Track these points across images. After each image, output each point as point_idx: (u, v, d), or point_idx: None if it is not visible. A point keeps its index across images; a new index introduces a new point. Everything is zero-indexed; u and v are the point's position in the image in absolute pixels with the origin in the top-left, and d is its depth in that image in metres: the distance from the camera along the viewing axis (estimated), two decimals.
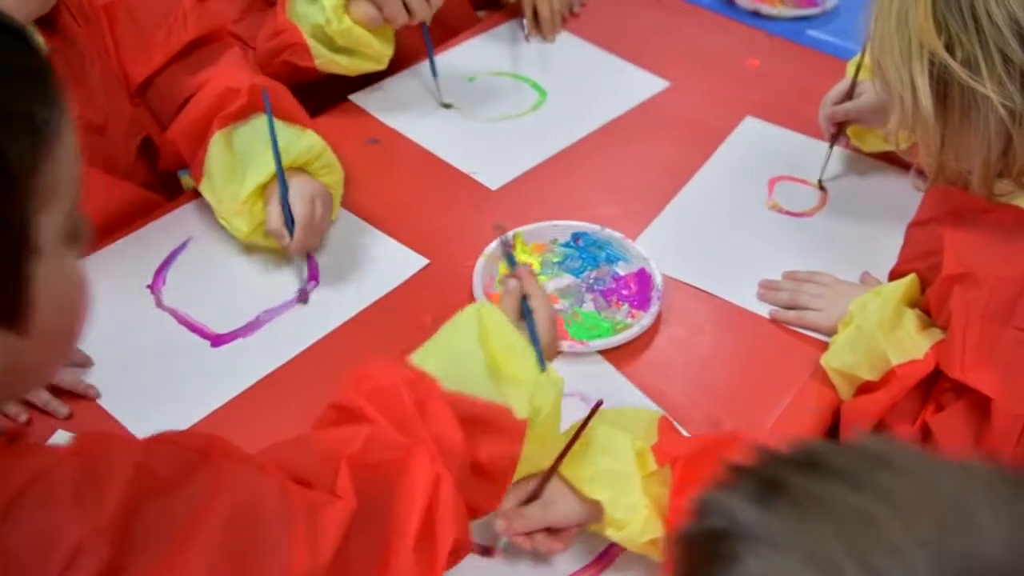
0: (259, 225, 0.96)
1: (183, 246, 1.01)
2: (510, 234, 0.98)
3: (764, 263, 1.01)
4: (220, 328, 0.92)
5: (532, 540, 0.72)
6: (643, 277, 0.99)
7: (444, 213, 1.07)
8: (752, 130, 1.20)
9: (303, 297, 0.96)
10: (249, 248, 1.00)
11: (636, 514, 0.69)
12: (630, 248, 1.01)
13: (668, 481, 0.69)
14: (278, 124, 0.96)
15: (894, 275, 0.89)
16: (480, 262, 0.97)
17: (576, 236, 1.02)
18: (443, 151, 1.15)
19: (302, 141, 0.97)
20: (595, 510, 0.71)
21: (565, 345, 0.90)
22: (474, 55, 1.32)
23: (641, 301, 0.97)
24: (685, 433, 0.79)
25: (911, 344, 0.81)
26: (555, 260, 1.01)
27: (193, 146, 0.99)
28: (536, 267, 1.00)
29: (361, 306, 0.95)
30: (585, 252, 1.02)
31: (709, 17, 1.43)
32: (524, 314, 0.75)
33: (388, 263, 1.00)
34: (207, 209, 1.02)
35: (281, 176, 0.94)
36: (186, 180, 1.21)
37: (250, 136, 0.98)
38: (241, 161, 0.97)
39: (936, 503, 0.34)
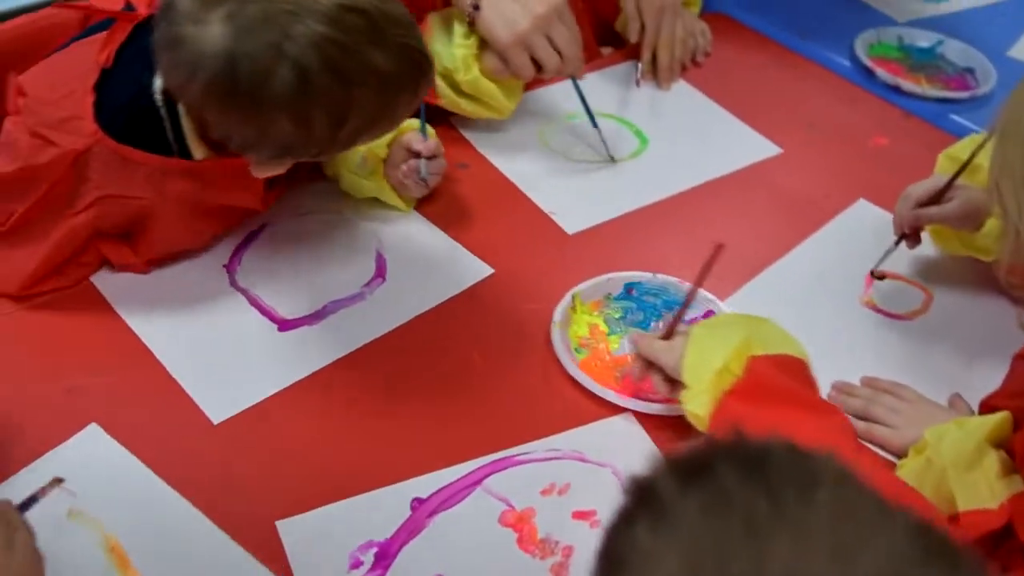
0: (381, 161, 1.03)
1: (260, 230, 1.04)
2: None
3: (843, 363, 0.92)
4: (287, 313, 0.94)
5: (648, 370, 0.83)
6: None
7: (513, 249, 1.03)
8: (862, 215, 1.11)
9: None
10: (322, 239, 1.04)
11: (699, 393, 0.76)
12: (688, 291, 0.95)
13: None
14: None
15: (985, 407, 0.80)
16: (555, 332, 0.92)
17: (628, 287, 0.97)
18: (528, 186, 1.11)
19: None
20: None
21: (662, 408, 0.85)
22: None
23: None
24: None
25: (986, 490, 0.71)
26: (617, 316, 0.96)
27: None
28: (602, 327, 0.95)
29: (423, 308, 0.95)
30: (641, 302, 0.97)
31: (841, 85, 1.34)
32: None
33: (454, 268, 1.00)
34: (288, 196, 1.07)
35: (423, 112, 1.01)
36: None
37: None
38: None
39: (827, 554, 0.35)
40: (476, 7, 1.06)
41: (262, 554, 0.74)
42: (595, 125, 1.16)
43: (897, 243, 0.99)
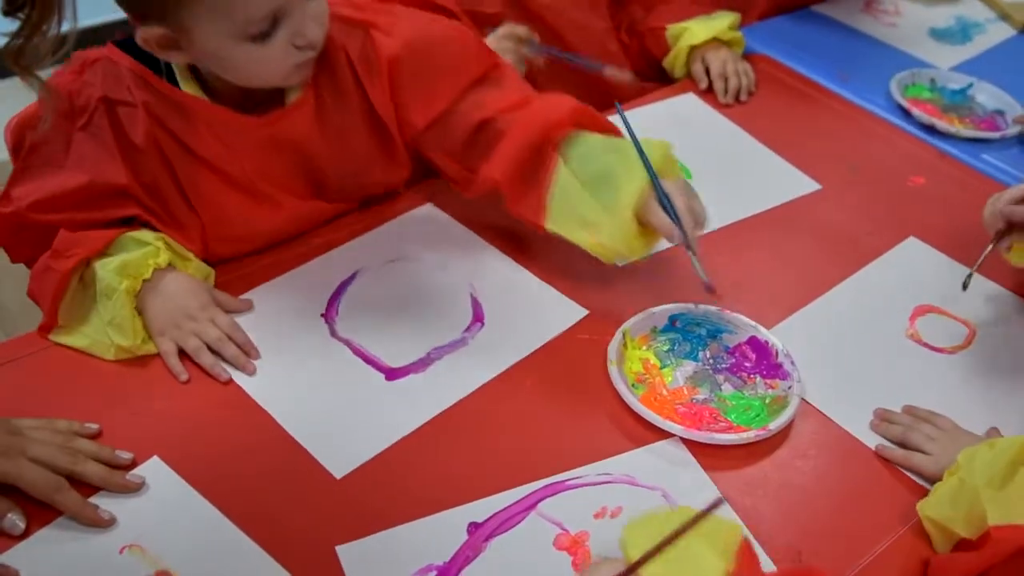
0: (634, 238, 0.97)
1: (352, 278, 1.03)
2: None
3: (886, 393, 0.94)
4: (391, 361, 0.94)
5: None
6: (756, 344, 0.98)
7: (568, 279, 1.06)
8: (911, 252, 1.14)
9: (710, 290, 1.00)
10: (415, 285, 1.03)
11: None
12: (730, 318, 0.99)
13: None
14: (609, 139, 1.00)
15: None
16: (613, 370, 0.94)
17: (672, 319, 1.00)
18: None
19: (652, 147, 0.98)
20: None
21: (732, 437, 0.88)
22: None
23: (768, 369, 0.96)
24: (764, 558, 0.76)
25: (1019, 506, 0.73)
26: (665, 349, 0.99)
27: (518, 179, 1.00)
28: (654, 360, 0.97)
29: (525, 352, 0.96)
30: (685, 332, 1.00)
31: (879, 125, 1.37)
32: None
33: (549, 310, 1.01)
34: (376, 243, 1.08)
35: (654, 176, 0.95)
36: None
37: (588, 155, 0.99)
38: (596, 180, 0.97)
39: None
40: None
41: None
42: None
43: (995, 245, 0.99)
